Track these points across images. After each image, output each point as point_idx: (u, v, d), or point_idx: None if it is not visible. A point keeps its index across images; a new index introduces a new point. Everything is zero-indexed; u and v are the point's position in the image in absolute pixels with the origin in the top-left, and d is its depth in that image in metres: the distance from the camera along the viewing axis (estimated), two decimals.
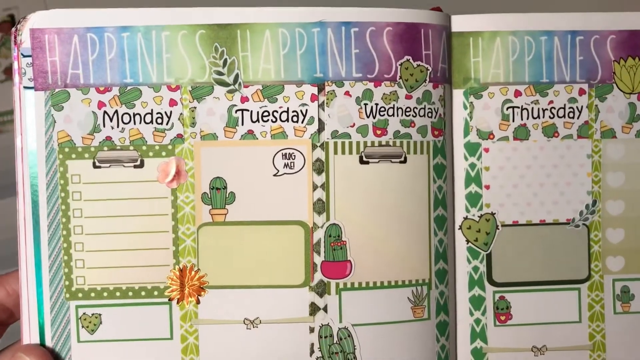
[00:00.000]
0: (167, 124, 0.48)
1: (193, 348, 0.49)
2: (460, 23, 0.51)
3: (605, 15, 0.51)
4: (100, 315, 0.49)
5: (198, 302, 0.49)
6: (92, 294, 0.48)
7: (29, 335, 0.48)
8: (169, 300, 0.48)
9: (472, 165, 0.52)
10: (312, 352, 0.49)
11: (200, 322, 0.49)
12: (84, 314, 0.48)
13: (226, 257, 0.48)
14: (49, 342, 0.48)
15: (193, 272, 0.48)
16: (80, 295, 0.48)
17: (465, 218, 0.52)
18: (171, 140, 0.48)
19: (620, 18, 0.51)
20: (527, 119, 0.51)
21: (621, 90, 0.51)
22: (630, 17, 0.51)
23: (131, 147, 0.48)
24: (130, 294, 0.49)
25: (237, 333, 0.48)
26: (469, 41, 0.51)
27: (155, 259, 0.48)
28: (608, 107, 0.52)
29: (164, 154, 0.48)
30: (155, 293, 0.49)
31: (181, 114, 0.48)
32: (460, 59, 0.51)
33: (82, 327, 0.48)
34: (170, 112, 0.48)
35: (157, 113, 0.48)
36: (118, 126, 0.48)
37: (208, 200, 0.48)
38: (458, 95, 0.51)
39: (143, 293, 0.49)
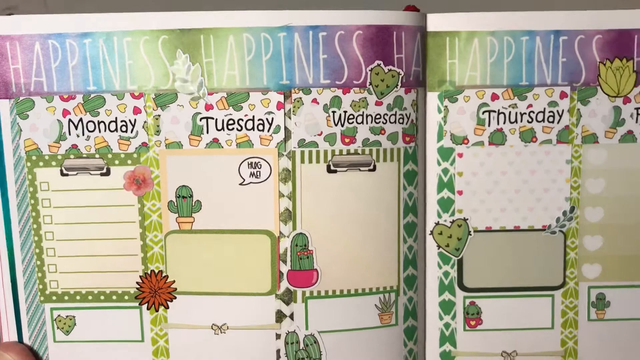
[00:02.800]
0: (131, 132, 0.48)
1: (163, 350, 0.50)
2: (436, 22, 0.49)
3: (592, 14, 0.48)
4: (74, 317, 0.50)
5: (167, 307, 0.49)
6: (66, 297, 0.50)
7: (8, 335, 0.50)
8: (139, 304, 0.49)
9: (445, 171, 0.50)
10: (278, 357, 0.50)
11: (170, 326, 0.50)
12: (59, 315, 0.50)
13: (194, 265, 0.49)
14: (26, 342, 0.50)
15: (161, 279, 0.49)
16: (54, 298, 0.50)
17: (437, 223, 0.51)
18: (136, 148, 0.48)
19: (608, 17, 0.48)
20: (504, 123, 0.49)
21: (606, 94, 0.49)
22: (618, 16, 0.48)
23: (97, 155, 0.48)
24: (102, 297, 0.50)
25: (205, 338, 0.49)
26: (445, 42, 0.49)
27: (125, 265, 0.49)
28: (591, 111, 0.49)
29: (129, 162, 0.48)
30: (126, 297, 0.50)
31: (145, 122, 0.48)
32: (436, 60, 0.49)
33: (58, 328, 0.50)
34: (135, 120, 0.48)
35: (122, 121, 0.48)
36: (83, 134, 0.48)
37: (174, 209, 0.49)
38: (432, 98, 0.50)
39: (114, 297, 0.50)
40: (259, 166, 0.48)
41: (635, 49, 0.48)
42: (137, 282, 0.49)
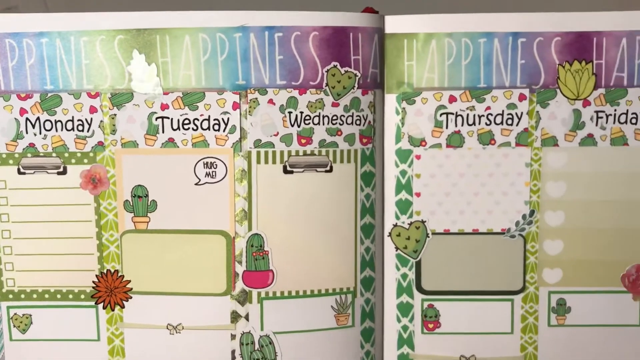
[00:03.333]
0: (88, 131, 0.48)
1: (119, 350, 0.50)
2: (394, 24, 0.49)
3: (550, 16, 0.48)
4: (30, 315, 0.50)
5: (123, 306, 0.49)
6: (22, 296, 0.50)
7: None
8: (96, 304, 0.50)
9: (403, 173, 0.50)
10: (233, 358, 0.50)
11: (126, 326, 0.50)
12: (15, 314, 0.50)
13: (149, 264, 0.49)
14: None
15: (117, 278, 0.49)
16: (10, 296, 0.50)
17: (395, 225, 0.50)
18: (92, 147, 0.48)
19: (567, 19, 0.48)
20: (462, 125, 0.49)
21: (565, 96, 0.48)
22: (578, 18, 0.48)
23: (54, 154, 0.48)
24: (59, 296, 0.50)
25: (161, 338, 0.49)
26: (403, 43, 0.49)
27: (81, 264, 0.49)
28: (550, 113, 0.49)
29: (85, 161, 0.48)
30: (82, 296, 0.50)
31: (101, 121, 0.48)
32: (394, 62, 0.49)
33: (14, 326, 0.50)
34: (91, 119, 0.48)
35: (78, 120, 0.48)
36: (40, 133, 0.48)
37: (130, 208, 0.49)
38: (390, 100, 0.49)
39: (70, 296, 0.50)
40: (215, 166, 0.48)
41: (595, 51, 0.48)
42: (93, 281, 0.49)
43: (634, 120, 0.48)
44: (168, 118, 0.48)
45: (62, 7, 0.70)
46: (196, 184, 0.48)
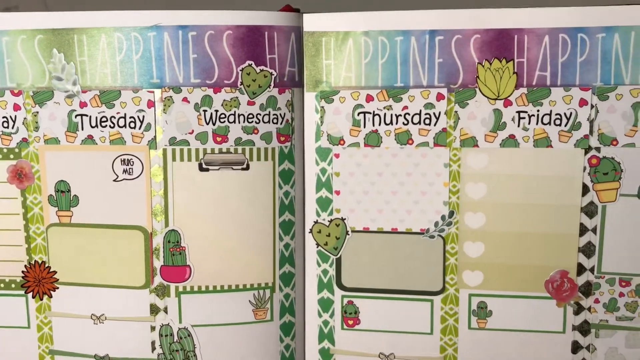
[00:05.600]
0: (12, 127, 0.50)
1: (48, 337, 0.52)
2: (311, 22, 0.48)
3: (469, 13, 0.46)
4: None
5: (50, 296, 0.51)
6: None
7: None
8: (25, 293, 0.52)
9: (323, 171, 0.50)
10: (153, 348, 0.51)
11: (53, 315, 0.52)
12: None
13: (74, 257, 0.51)
14: None
15: (44, 269, 0.51)
16: None
17: (316, 222, 0.51)
18: (17, 143, 0.50)
19: (486, 15, 0.46)
20: (379, 125, 0.49)
21: (485, 96, 0.47)
22: (498, 15, 0.46)
23: None
24: None
25: (86, 327, 0.51)
26: (321, 42, 0.48)
27: (11, 254, 0.51)
28: (469, 113, 0.48)
29: (12, 156, 0.50)
30: (13, 286, 0.52)
31: (25, 118, 0.49)
32: (313, 60, 0.48)
33: None
34: (15, 116, 0.49)
35: (3, 117, 0.50)
36: None
37: (54, 202, 0.50)
38: (310, 98, 0.49)
39: (2, 285, 0.52)
40: (132, 163, 0.49)
41: (516, 50, 0.46)
42: (23, 272, 0.51)
43: (557, 122, 0.47)
44: (87, 116, 0.49)
45: (62, 6, 0.71)
46: (114, 180, 0.49)
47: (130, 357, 0.51)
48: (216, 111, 0.48)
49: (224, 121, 0.48)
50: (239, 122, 0.48)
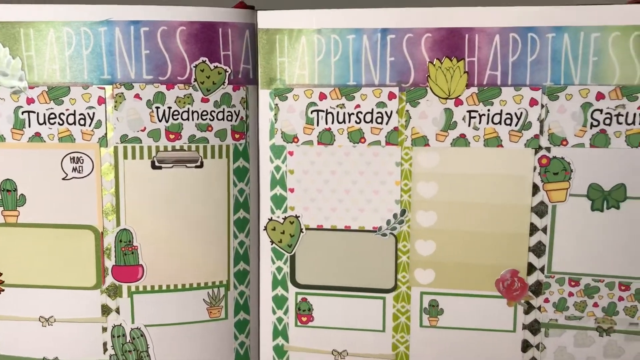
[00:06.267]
0: None
1: None
2: (266, 19, 0.48)
3: (421, 11, 0.47)
4: None
5: None
6: None
7: None
8: None
9: (277, 168, 0.50)
10: (105, 350, 0.50)
11: None
12: None
13: (21, 258, 0.49)
14: None
15: None
16: None
17: (270, 219, 0.50)
18: None
19: (438, 14, 0.47)
20: (332, 123, 0.49)
21: (436, 95, 0.48)
22: (449, 13, 0.46)
23: None
24: None
25: (33, 329, 0.50)
26: (276, 39, 0.48)
27: None
28: (421, 112, 0.48)
29: None
30: None
31: None
32: (267, 58, 0.48)
33: None
34: None
35: None
36: None
37: None
38: (264, 96, 0.49)
39: None
40: (81, 161, 0.48)
41: (467, 49, 0.47)
42: None
43: (508, 121, 0.48)
44: (34, 112, 0.48)
45: None
46: (63, 179, 0.48)
47: (82, 359, 0.51)
48: (169, 108, 0.48)
49: (177, 118, 0.48)
50: (193, 119, 0.48)
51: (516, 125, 0.47)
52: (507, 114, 0.47)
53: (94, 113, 0.48)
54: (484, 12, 0.46)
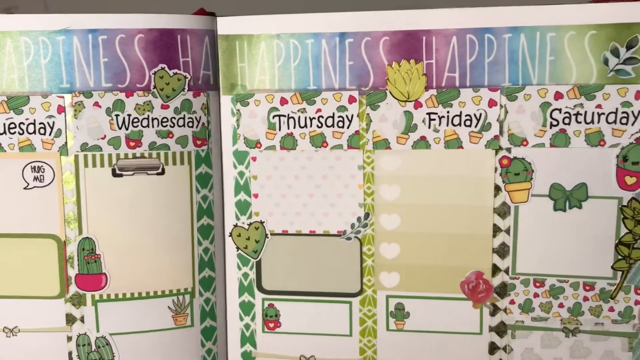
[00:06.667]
0: None
1: None
2: (225, 26, 0.48)
3: (378, 15, 0.47)
4: None
5: None
6: None
7: None
8: None
9: (241, 174, 0.50)
10: (70, 359, 0.50)
11: None
12: None
13: None
14: None
15: None
16: None
17: (235, 225, 0.50)
18: None
19: (394, 17, 0.47)
20: (294, 127, 0.49)
21: (395, 98, 0.48)
22: (405, 16, 0.47)
23: None
24: None
25: None
26: (235, 45, 0.48)
27: None
28: (381, 115, 0.48)
29: None
30: None
31: None
32: (227, 63, 0.48)
33: None
34: None
35: None
36: None
37: None
38: (226, 101, 0.49)
39: None
40: (43, 170, 0.48)
41: (425, 51, 0.47)
42: None
43: (467, 123, 0.48)
44: None
45: (62, 7, 0.69)
46: (25, 188, 0.48)
47: None
48: (129, 115, 0.48)
49: (137, 125, 0.48)
50: (153, 126, 0.48)
51: (476, 126, 0.47)
52: (466, 115, 0.47)
53: (53, 122, 0.48)
54: (441, 13, 0.46)
